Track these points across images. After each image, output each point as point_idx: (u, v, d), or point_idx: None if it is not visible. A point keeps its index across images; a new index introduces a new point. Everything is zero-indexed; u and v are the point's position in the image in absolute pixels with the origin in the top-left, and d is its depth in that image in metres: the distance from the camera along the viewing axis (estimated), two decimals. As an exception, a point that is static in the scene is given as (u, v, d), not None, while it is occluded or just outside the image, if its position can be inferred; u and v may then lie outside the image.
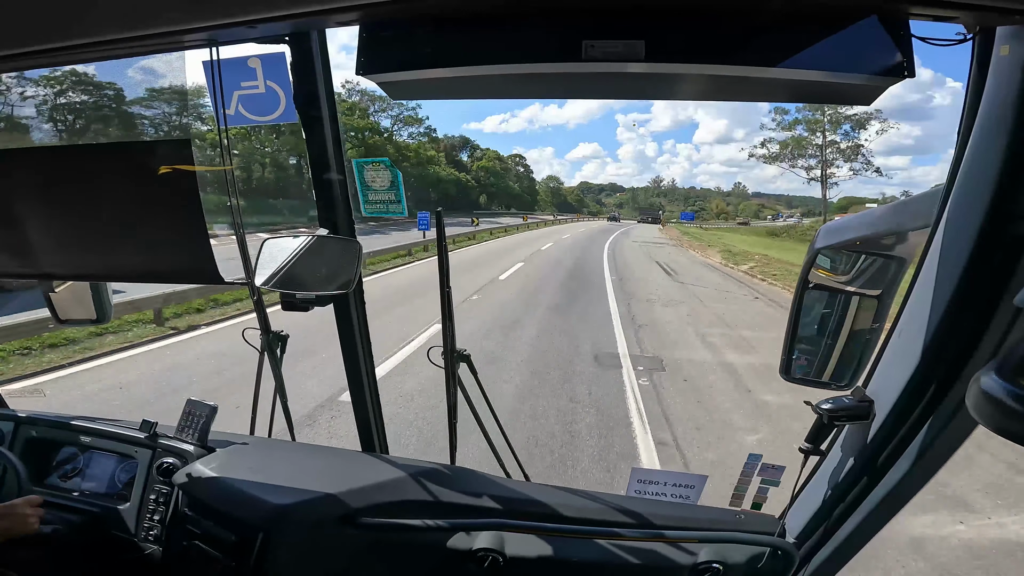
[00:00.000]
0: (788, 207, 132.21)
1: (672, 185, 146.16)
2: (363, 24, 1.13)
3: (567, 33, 1.02)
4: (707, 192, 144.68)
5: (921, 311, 1.09)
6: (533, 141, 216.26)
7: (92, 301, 1.99)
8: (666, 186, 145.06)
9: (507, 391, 6.22)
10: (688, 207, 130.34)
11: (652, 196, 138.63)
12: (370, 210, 1.72)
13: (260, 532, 1.39)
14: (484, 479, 1.70)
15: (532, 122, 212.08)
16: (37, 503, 1.54)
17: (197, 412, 1.80)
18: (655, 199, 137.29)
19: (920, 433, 1.16)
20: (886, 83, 0.95)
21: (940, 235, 1.05)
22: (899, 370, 1.15)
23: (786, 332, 1.36)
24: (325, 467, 1.68)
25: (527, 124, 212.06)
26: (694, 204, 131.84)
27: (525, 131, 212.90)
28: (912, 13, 0.90)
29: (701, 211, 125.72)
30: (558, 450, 4.87)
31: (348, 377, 1.86)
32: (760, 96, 1.13)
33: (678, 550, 1.49)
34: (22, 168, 1.59)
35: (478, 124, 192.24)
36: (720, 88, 1.09)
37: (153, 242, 1.53)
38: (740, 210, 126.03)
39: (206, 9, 1.06)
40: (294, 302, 1.69)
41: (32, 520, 1.49)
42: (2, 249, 1.64)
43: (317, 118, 1.53)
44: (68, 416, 1.98)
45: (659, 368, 7.48)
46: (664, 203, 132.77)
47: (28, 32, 1.17)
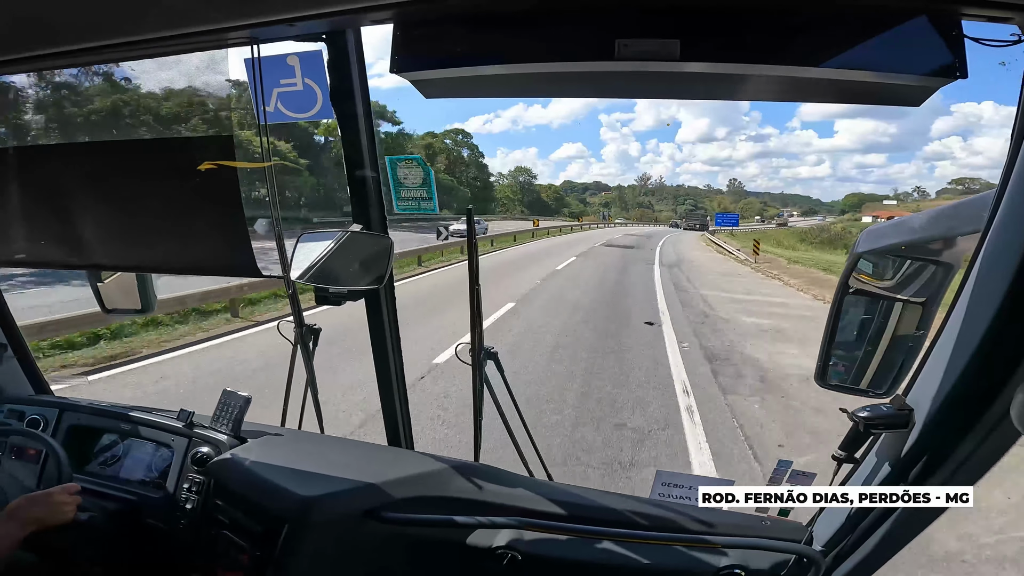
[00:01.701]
0: (783, 205, 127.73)
1: (660, 183, 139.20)
2: (397, 22, 1.15)
3: (601, 32, 1.01)
4: (695, 190, 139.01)
5: (968, 319, 1.05)
6: (517, 142, 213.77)
7: (138, 292, 2.07)
8: (654, 184, 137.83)
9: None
10: (680, 204, 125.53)
11: (640, 195, 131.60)
12: (402, 207, 1.74)
13: (286, 523, 1.42)
14: (507, 477, 1.70)
15: (516, 122, 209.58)
16: (74, 491, 1.55)
17: (232, 403, 1.84)
18: (643, 198, 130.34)
19: (960, 444, 1.12)
20: (937, 83, 0.92)
21: (990, 241, 1.00)
22: (942, 379, 1.11)
23: (823, 337, 1.32)
24: (352, 460, 1.71)
25: (511, 124, 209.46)
26: (684, 203, 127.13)
27: (509, 131, 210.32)
28: (964, 14, 0.87)
29: (700, 211, 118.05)
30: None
31: (377, 372, 1.89)
32: (804, 97, 1.11)
33: (700, 554, 1.46)
34: (73, 162, 1.66)
35: (461, 124, 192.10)
36: (760, 88, 1.07)
37: (195, 235, 1.58)
38: (743, 209, 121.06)
39: (247, 7, 1.09)
40: (327, 296, 1.73)
41: (68, 509, 1.51)
42: (55, 240, 1.72)
43: (352, 115, 1.55)
44: (109, 404, 2.05)
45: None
46: (653, 201, 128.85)
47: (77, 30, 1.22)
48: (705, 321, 10.65)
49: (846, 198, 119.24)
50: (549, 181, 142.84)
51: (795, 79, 0.97)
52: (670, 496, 1.61)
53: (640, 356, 7.94)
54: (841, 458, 1.31)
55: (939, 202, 79.53)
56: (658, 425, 5.47)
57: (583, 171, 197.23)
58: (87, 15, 1.19)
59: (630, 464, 4.65)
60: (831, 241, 42.24)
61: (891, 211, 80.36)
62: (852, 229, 52.40)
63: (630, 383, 6.70)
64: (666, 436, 5.22)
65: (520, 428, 1.94)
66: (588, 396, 6.18)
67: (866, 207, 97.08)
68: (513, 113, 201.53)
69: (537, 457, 1.96)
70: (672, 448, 4.99)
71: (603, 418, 5.58)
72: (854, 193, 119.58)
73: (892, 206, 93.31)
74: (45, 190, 1.67)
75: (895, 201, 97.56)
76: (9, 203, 1.70)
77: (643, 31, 0.99)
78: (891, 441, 1.24)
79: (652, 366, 7.45)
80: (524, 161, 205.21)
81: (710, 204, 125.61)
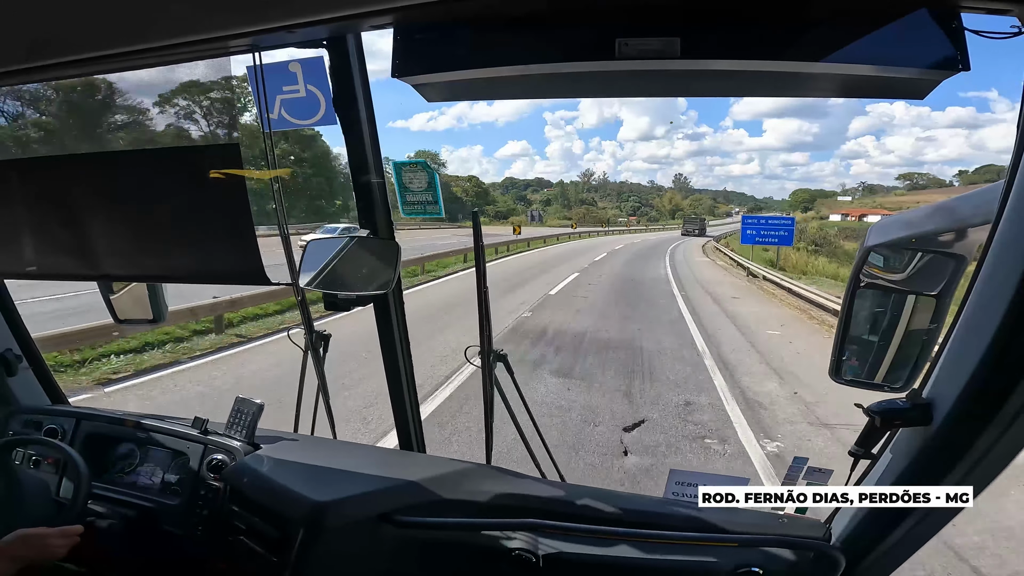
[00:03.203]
0: (727, 202, 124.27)
1: (603, 179, 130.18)
2: (397, 27, 1.15)
3: (601, 31, 1.01)
4: (639, 187, 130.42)
5: (983, 311, 1.03)
6: (462, 139, 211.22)
7: (149, 302, 2.09)
8: (597, 181, 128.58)
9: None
10: (625, 201, 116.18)
11: (583, 191, 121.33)
12: (408, 211, 1.74)
13: (301, 528, 1.42)
14: (519, 479, 1.70)
15: (461, 119, 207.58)
16: (73, 533, 1.53)
17: (245, 410, 1.86)
18: (587, 194, 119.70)
19: (979, 438, 1.10)
20: (940, 76, 0.91)
21: (1001, 231, 0.99)
22: (959, 372, 1.09)
23: (836, 332, 1.31)
24: (364, 465, 1.72)
25: (455, 122, 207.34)
26: (628, 199, 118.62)
27: (453, 129, 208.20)
28: (964, 6, 0.86)
29: (646, 208, 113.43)
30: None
31: (387, 376, 1.90)
32: (806, 92, 1.10)
33: (717, 553, 1.45)
34: (81, 173, 1.67)
35: (405, 122, 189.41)
36: (763, 84, 1.06)
37: (204, 244, 1.58)
38: (692, 205, 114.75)
39: (248, 15, 1.10)
40: (336, 302, 1.73)
41: (59, 551, 1.49)
42: (65, 251, 1.74)
43: (356, 120, 1.56)
44: (125, 413, 2.08)
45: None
46: (597, 198, 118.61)
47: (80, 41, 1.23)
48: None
49: (794, 194, 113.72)
50: (493, 179, 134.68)
51: (797, 75, 0.96)
52: (684, 495, 1.60)
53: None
54: (858, 454, 1.29)
55: (903, 199, 78.61)
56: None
57: (528, 168, 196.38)
58: (89, 26, 1.20)
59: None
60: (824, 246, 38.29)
61: (855, 209, 79.00)
62: (826, 229, 50.74)
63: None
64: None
65: (531, 429, 1.93)
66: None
67: (818, 202, 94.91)
68: (458, 111, 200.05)
69: (549, 458, 1.95)
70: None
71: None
72: (803, 189, 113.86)
73: (847, 202, 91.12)
74: (54, 201, 1.68)
75: (849, 197, 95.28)
76: (20, 215, 1.72)
77: (644, 30, 0.98)
78: (909, 436, 1.23)
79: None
80: (470, 160, 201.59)
81: (658, 201, 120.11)
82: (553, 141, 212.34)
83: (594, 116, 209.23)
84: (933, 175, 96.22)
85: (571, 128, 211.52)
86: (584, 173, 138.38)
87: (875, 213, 72.13)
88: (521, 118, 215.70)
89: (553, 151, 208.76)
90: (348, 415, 5.55)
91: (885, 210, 72.21)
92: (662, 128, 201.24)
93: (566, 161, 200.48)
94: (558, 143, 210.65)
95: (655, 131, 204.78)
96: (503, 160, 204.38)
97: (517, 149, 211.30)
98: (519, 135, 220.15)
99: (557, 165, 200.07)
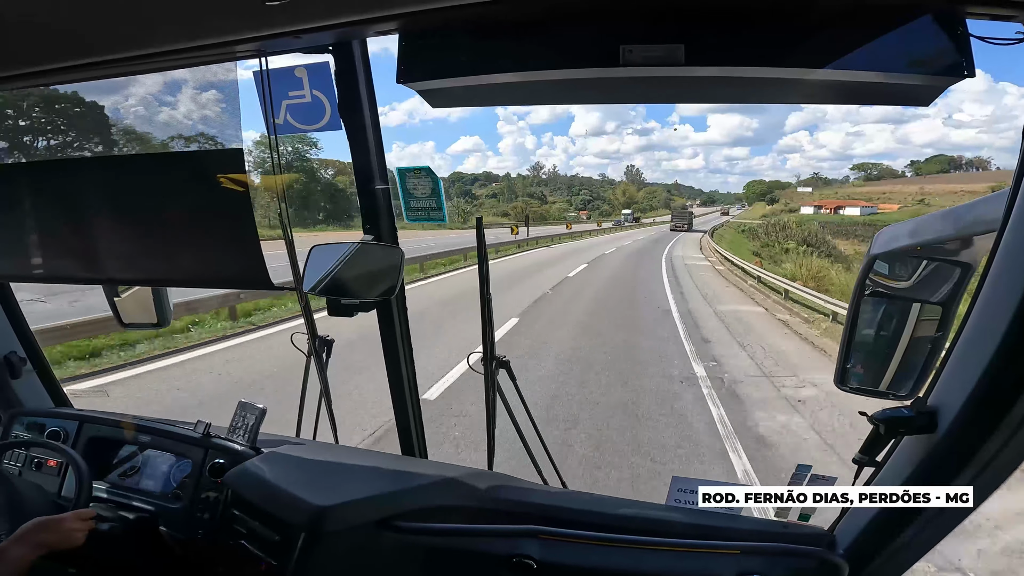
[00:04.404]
0: (678, 195, 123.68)
1: (554, 172, 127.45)
2: (402, 32, 1.16)
3: (605, 38, 1.01)
4: (590, 180, 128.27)
5: (989, 319, 1.03)
6: (414, 135, 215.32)
7: (153, 306, 2.10)
8: (548, 174, 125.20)
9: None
10: (576, 195, 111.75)
11: (532, 184, 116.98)
12: (412, 217, 1.74)
13: (302, 533, 1.42)
14: (521, 485, 1.70)
15: (412, 115, 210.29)
16: (87, 516, 1.57)
17: (248, 413, 1.86)
18: (536, 188, 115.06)
19: (984, 446, 1.09)
20: (945, 83, 0.91)
21: (1007, 240, 0.98)
22: (964, 380, 1.08)
23: (842, 340, 1.31)
24: (366, 470, 1.72)
25: (407, 118, 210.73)
26: (579, 193, 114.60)
27: (405, 125, 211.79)
28: (969, 12, 0.86)
29: (599, 202, 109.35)
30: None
31: (390, 381, 1.89)
32: (810, 98, 1.10)
33: (719, 561, 1.44)
34: (86, 176, 1.68)
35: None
36: (767, 91, 1.06)
37: (207, 248, 1.59)
38: (647, 198, 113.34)
39: (255, 20, 1.10)
40: (339, 307, 1.73)
41: (78, 535, 1.52)
42: (71, 255, 1.75)
43: (361, 126, 1.57)
44: (129, 416, 2.08)
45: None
46: (547, 192, 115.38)
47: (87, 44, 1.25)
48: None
49: (749, 186, 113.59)
50: (442, 175, 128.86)
51: (801, 81, 0.96)
52: (686, 502, 1.59)
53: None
54: (862, 461, 1.28)
55: (865, 190, 77.07)
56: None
57: (480, 164, 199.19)
58: (96, 30, 1.21)
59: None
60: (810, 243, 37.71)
61: (829, 200, 76.35)
62: (798, 222, 49.61)
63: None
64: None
65: (533, 436, 1.93)
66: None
67: (784, 195, 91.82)
68: (409, 106, 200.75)
69: (551, 465, 1.94)
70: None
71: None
72: (758, 181, 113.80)
73: (808, 193, 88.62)
74: (60, 204, 1.69)
75: (809, 188, 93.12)
76: (25, 218, 1.73)
77: (648, 36, 0.99)
78: (913, 444, 1.22)
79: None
80: (421, 156, 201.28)
81: (610, 194, 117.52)
82: (506, 136, 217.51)
83: (546, 111, 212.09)
84: (887, 165, 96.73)
85: (523, 123, 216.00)
86: (533, 167, 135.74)
87: (853, 204, 70.44)
88: (473, 113, 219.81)
89: (506, 147, 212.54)
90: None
91: (865, 201, 70.50)
92: (612, 123, 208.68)
93: (518, 156, 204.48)
94: (511, 138, 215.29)
95: (606, 126, 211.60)
96: (455, 156, 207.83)
97: (469, 145, 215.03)
98: (471, 131, 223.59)
99: (510, 161, 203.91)
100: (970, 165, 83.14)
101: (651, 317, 12.09)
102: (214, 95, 1.46)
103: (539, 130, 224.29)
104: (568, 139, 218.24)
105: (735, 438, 5.59)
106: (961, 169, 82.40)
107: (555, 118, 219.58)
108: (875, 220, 59.46)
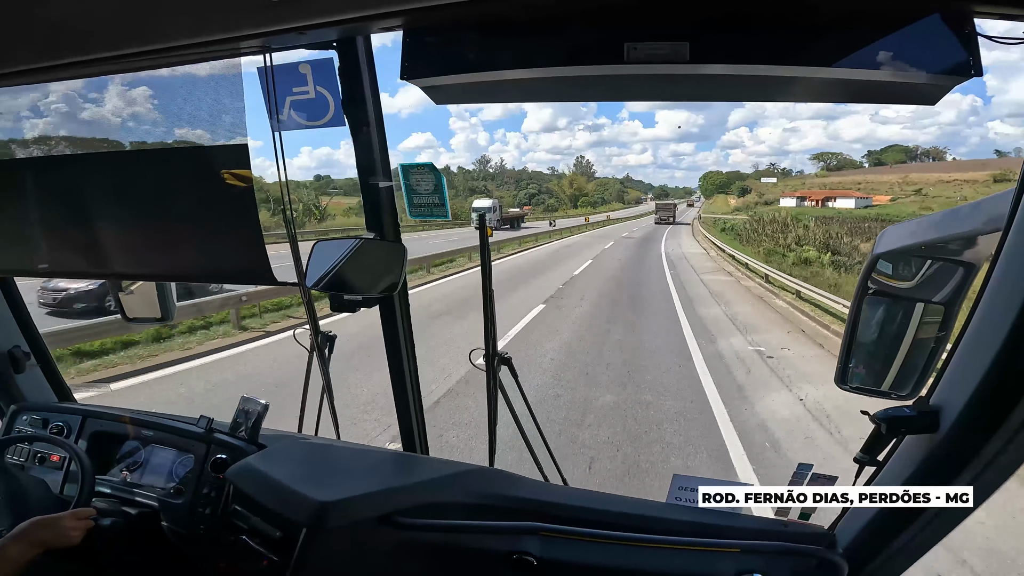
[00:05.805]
0: (632, 188, 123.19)
1: (501, 166, 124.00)
2: (407, 29, 1.15)
3: (610, 35, 1.01)
4: (539, 174, 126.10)
5: (992, 319, 1.03)
6: None
7: (158, 301, 2.10)
8: (495, 168, 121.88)
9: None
10: (523, 190, 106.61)
11: (476, 178, 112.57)
12: (415, 213, 1.74)
13: (303, 528, 1.42)
14: (522, 482, 1.70)
15: None
16: (85, 516, 1.57)
17: (250, 409, 1.86)
18: (480, 182, 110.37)
19: (986, 446, 1.09)
20: (952, 82, 0.90)
21: (1011, 239, 0.98)
22: (966, 380, 1.08)
23: (843, 339, 1.31)
24: (367, 466, 1.72)
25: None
26: (527, 187, 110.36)
27: None
28: (978, 11, 0.86)
29: (544, 196, 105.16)
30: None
31: (392, 377, 1.90)
32: (816, 96, 1.10)
33: (719, 559, 1.44)
34: (91, 171, 1.69)
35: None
36: (772, 89, 1.06)
37: (212, 243, 1.59)
38: (599, 190, 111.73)
39: (259, 16, 1.10)
40: (342, 303, 1.74)
41: (76, 534, 1.52)
42: (76, 250, 1.75)
43: (364, 122, 1.57)
44: (131, 411, 2.08)
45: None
46: (493, 187, 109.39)
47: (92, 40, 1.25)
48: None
49: (707, 177, 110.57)
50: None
51: (807, 80, 0.96)
52: (687, 500, 1.60)
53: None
54: (863, 460, 1.28)
55: (828, 179, 76.23)
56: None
57: (432, 160, 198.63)
58: (101, 26, 1.21)
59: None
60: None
61: (816, 192, 71.08)
62: (794, 218, 46.58)
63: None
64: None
65: (534, 432, 1.93)
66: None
67: (739, 184, 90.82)
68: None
69: (552, 461, 1.94)
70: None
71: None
72: (715, 172, 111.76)
73: (771, 184, 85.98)
74: (65, 199, 1.70)
75: (773, 179, 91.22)
76: (30, 213, 1.74)
77: (652, 34, 0.98)
78: (915, 444, 1.22)
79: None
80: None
81: (557, 186, 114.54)
82: (458, 133, 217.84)
83: (498, 107, 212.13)
84: (846, 155, 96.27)
85: (476, 120, 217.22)
86: (479, 160, 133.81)
87: (845, 196, 65.58)
88: (425, 109, 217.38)
89: (458, 143, 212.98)
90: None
91: (859, 192, 66.51)
92: (564, 119, 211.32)
93: (471, 152, 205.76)
94: (463, 135, 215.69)
95: (558, 122, 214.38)
96: (407, 153, 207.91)
97: (421, 141, 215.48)
98: (423, 127, 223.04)
99: (462, 157, 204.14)
100: (926, 155, 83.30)
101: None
102: (218, 91, 1.45)
103: (492, 126, 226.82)
104: (521, 135, 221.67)
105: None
106: (917, 160, 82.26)
107: (508, 114, 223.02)
108: (885, 214, 52.78)
